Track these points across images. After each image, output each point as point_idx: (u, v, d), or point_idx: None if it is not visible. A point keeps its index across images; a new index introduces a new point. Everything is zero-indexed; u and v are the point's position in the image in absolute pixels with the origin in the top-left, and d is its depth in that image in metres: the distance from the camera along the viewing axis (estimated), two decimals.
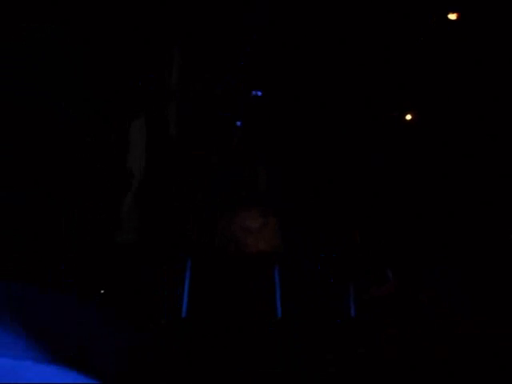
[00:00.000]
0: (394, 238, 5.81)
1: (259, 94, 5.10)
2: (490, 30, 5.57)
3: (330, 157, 5.96)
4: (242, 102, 5.40)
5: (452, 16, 5.65)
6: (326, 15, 5.37)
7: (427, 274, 5.13)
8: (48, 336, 0.46)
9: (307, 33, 5.37)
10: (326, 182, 5.92)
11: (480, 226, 5.56)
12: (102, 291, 5.00)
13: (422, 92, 5.97)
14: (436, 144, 6.06)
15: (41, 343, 0.45)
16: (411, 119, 6.29)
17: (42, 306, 0.47)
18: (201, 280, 5.43)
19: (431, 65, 5.71)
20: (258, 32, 5.37)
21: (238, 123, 5.44)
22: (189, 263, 5.52)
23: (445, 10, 5.63)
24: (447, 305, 4.59)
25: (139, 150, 4.72)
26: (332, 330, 4.85)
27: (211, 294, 5.37)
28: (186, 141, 5.07)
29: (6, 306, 0.46)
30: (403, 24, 5.61)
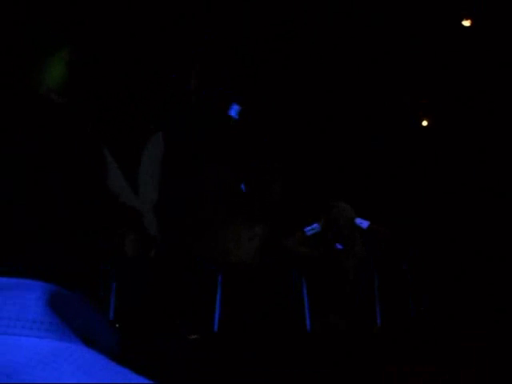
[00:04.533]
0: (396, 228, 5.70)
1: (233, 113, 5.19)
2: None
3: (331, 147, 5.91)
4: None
5: (466, 23, 5.58)
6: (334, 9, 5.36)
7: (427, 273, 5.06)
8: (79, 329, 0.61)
9: (317, 21, 5.36)
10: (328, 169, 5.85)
11: (480, 225, 5.43)
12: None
13: (426, 80, 5.87)
14: (438, 146, 5.95)
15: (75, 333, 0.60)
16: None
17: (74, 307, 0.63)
18: (231, 294, 5.53)
19: (431, 53, 5.63)
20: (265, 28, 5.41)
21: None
22: (220, 277, 5.61)
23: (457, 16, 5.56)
24: (447, 304, 4.52)
25: (155, 159, 4.87)
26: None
27: (242, 307, 5.45)
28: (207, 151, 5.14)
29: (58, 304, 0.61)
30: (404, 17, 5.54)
